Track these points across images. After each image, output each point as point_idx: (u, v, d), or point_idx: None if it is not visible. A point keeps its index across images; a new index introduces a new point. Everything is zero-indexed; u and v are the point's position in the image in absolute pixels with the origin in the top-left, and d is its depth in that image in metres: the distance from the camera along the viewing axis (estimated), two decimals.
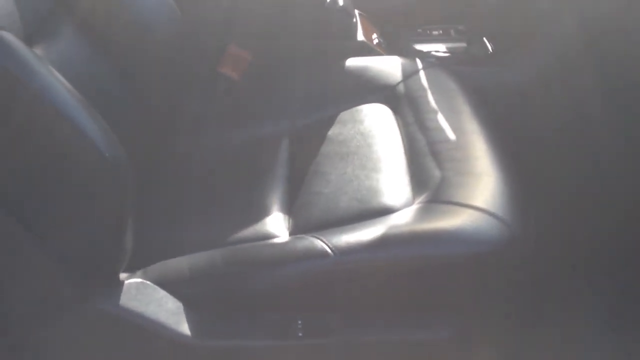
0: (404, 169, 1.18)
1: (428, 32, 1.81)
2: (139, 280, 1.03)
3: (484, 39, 1.77)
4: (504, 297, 1.06)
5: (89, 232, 0.97)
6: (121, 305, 0.99)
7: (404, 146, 1.23)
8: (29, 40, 1.05)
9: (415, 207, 1.07)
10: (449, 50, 1.76)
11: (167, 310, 1.00)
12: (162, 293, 1.02)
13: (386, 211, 1.08)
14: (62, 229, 0.95)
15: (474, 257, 0.99)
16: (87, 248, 0.98)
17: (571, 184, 1.35)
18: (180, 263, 1.06)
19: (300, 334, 1.02)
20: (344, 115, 1.33)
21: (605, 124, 1.30)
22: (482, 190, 1.05)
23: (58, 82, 0.90)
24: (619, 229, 1.26)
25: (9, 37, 0.89)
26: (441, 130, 1.21)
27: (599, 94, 1.32)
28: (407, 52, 1.67)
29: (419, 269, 1.00)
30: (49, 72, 0.90)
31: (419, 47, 1.77)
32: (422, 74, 1.40)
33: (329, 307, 1.05)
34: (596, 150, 1.32)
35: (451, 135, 1.18)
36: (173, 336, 0.99)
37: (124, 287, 1.01)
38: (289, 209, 1.16)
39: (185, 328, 1.00)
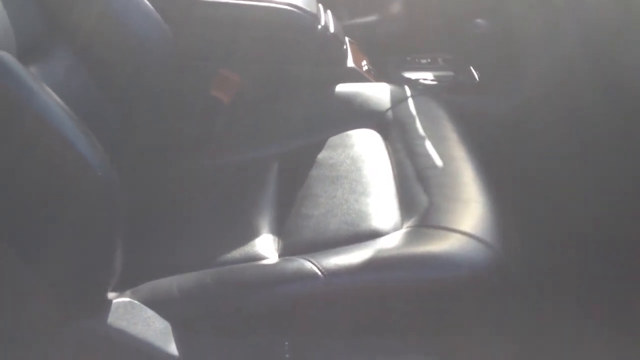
0: (392, 193, 1.19)
1: (417, 60, 1.84)
2: (127, 299, 1.02)
3: (471, 67, 1.81)
4: (489, 319, 1.07)
5: (79, 252, 0.96)
6: (109, 324, 0.98)
7: (393, 171, 1.24)
8: (23, 59, 1.05)
9: (403, 231, 1.08)
10: (437, 78, 1.79)
11: (154, 329, 1.00)
12: (150, 313, 1.01)
13: (375, 234, 1.09)
14: (52, 250, 0.94)
15: (461, 280, 1.00)
16: (77, 268, 0.97)
17: (556, 208, 1.37)
18: (169, 283, 1.06)
19: (287, 356, 1.02)
20: (334, 140, 1.35)
21: (592, 152, 1.32)
22: (470, 215, 1.06)
23: (54, 102, 0.90)
24: (609, 254, 1.28)
25: (7, 57, 0.90)
26: (429, 156, 1.22)
27: (588, 121, 1.34)
28: (395, 80, 1.69)
29: (407, 292, 1.01)
30: (45, 92, 0.90)
31: (408, 74, 1.79)
32: (411, 101, 1.41)
33: (318, 329, 1.06)
34: (580, 178, 1.34)
35: (439, 161, 1.20)
36: (161, 356, 0.99)
37: (112, 307, 1.00)
38: (279, 231, 1.16)
39: (173, 348, 1.00)
